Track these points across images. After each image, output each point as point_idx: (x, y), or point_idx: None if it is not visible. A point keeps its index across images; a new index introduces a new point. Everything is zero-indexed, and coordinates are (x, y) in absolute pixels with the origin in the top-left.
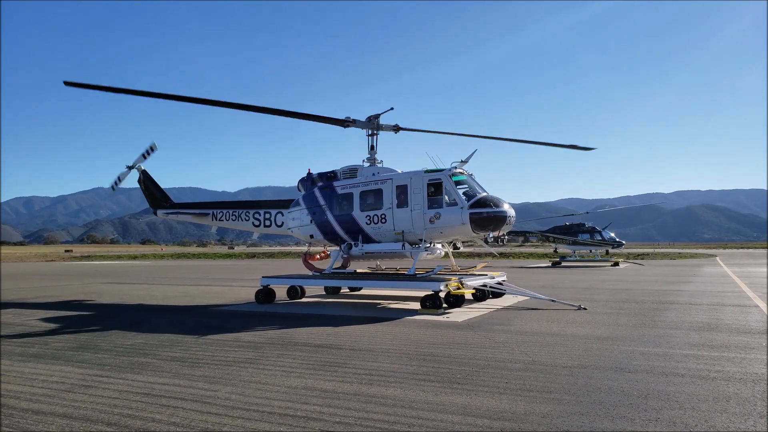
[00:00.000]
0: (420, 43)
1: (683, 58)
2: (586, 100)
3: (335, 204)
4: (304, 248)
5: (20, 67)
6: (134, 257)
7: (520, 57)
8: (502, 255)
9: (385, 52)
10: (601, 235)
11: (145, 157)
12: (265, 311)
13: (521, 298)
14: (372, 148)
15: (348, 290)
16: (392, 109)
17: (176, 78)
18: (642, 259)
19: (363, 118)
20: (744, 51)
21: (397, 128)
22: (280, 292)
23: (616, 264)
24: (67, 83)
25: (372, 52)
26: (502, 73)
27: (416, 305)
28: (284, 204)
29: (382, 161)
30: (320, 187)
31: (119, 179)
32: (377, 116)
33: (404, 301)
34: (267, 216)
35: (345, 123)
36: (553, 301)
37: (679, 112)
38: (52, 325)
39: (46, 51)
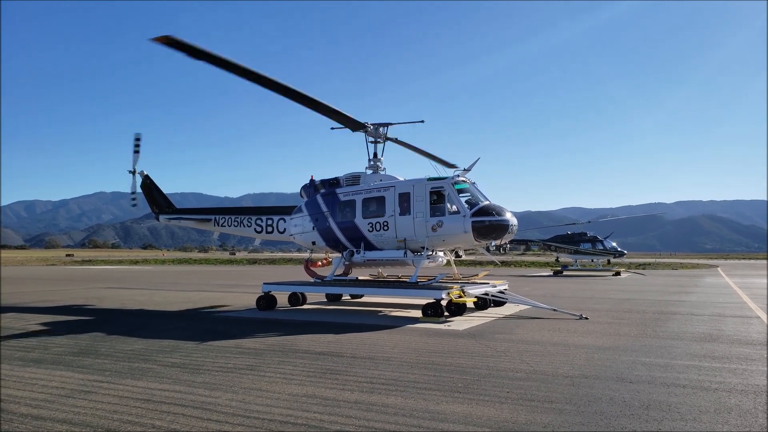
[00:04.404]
0: (428, 50)
1: (685, 69)
2: (589, 109)
3: (338, 211)
4: (306, 255)
5: (22, 68)
6: (135, 262)
7: (522, 65)
8: (504, 263)
9: (391, 58)
10: (603, 245)
11: (137, 152)
12: (266, 318)
13: (523, 307)
14: (375, 155)
15: (349, 297)
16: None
17: (177, 78)
18: (644, 269)
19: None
20: (746, 61)
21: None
22: (282, 298)
23: (618, 274)
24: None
25: (378, 58)
26: (501, 82)
27: (418, 313)
28: (286, 210)
29: (385, 168)
30: (323, 194)
31: (132, 190)
32: (383, 125)
33: (406, 308)
34: (269, 222)
35: (364, 127)
36: (554, 310)
37: (681, 122)
38: (53, 330)
39: (47, 51)
